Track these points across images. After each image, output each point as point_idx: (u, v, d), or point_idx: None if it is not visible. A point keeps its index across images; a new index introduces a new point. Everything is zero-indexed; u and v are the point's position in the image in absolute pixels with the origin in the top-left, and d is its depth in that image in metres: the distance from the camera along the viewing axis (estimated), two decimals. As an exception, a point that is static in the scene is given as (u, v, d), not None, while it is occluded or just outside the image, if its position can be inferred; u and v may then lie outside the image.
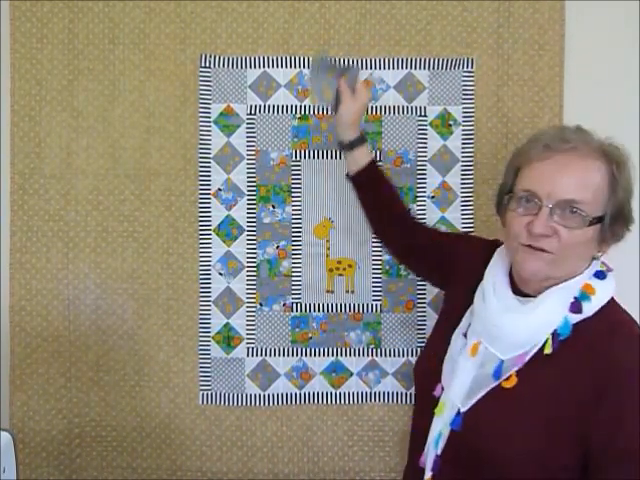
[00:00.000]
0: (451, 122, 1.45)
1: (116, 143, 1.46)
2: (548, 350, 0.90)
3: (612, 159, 0.91)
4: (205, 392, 1.47)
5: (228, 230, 1.46)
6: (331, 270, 1.46)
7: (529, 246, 0.90)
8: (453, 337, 1.03)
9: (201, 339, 1.46)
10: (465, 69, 1.44)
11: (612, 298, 0.96)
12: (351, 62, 1.41)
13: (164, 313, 1.47)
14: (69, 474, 1.47)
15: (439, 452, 0.98)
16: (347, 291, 1.46)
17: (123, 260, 1.46)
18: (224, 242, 1.46)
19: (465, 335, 1.01)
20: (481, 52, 1.44)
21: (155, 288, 1.46)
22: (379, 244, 1.44)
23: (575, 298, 0.92)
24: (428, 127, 1.45)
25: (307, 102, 1.45)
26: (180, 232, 1.46)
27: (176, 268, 1.46)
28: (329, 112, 1.38)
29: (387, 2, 1.44)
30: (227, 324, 1.46)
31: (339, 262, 1.46)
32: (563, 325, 0.91)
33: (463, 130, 1.44)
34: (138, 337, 1.47)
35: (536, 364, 0.91)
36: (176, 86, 1.45)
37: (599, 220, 0.89)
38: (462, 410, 0.95)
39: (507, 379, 0.92)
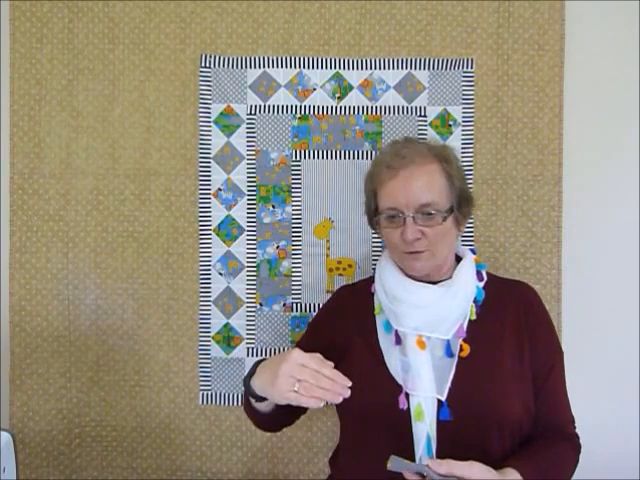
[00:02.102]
0: (451, 122, 1.45)
1: (116, 143, 1.46)
2: (473, 317, 1.07)
3: (441, 158, 1.08)
4: (205, 392, 1.47)
5: (228, 230, 1.46)
6: (331, 270, 1.46)
7: (409, 253, 1.06)
8: (385, 355, 1.07)
9: (201, 339, 1.46)
10: (465, 69, 1.44)
11: None
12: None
13: (164, 313, 1.47)
14: (69, 474, 1.47)
15: (435, 458, 0.98)
16: (347, 291, 1.46)
17: (123, 260, 1.46)
18: (224, 242, 1.46)
19: (398, 342, 1.06)
20: (481, 52, 1.44)
21: (155, 288, 1.46)
22: (379, 244, 1.44)
23: (477, 270, 1.13)
24: (428, 127, 1.45)
25: (307, 102, 1.45)
26: (180, 232, 1.46)
27: (176, 268, 1.46)
28: None
29: (387, 2, 1.44)
30: (227, 324, 1.47)
31: (339, 262, 1.46)
32: (478, 292, 1.10)
33: (463, 130, 1.44)
34: (138, 337, 1.47)
35: (472, 330, 1.06)
36: (176, 86, 1.45)
37: (451, 211, 1.07)
38: (444, 399, 1.01)
39: (461, 350, 1.04)
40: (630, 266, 1.46)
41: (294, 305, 1.46)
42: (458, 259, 1.15)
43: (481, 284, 1.12)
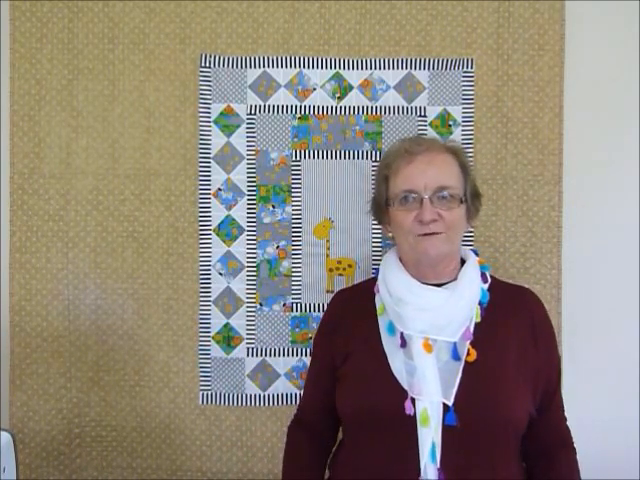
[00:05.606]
0: (451, 122, 1.45)
1: (116, 143, 1.46)
2: (478, 319, 1.06)
3: (455, 151, 1.13)
4: (205, 392, 1.47)
5: (228, 230, 1.46)
6: (331, 270, 1.46)
7: (424, 235, 1.05)
8: (389, 357, 1.06)
9: (201, 339, 1.46)
10: (465, 69, 1.44)
11: None
12: None
13: (164, 313, 1.47)
14: (69, 474, 1.47)
15: (439, 464, 0.98)
16: (347, 291, 1.46)
17: (123, 260, 1.46)
18: (224, 242, 1.46)
19: (403, 345, 1.05)
20: (481, 52, 1.44)
21: (155, 288, 1.46)
22: (379, 244, 1.44)
23: (481, 272, 1.12)
24: (428, 127, 1.45)
25: (307, 102, 1.45)
26: (180, 232, 1.46)
27: (176, 268, 1.46)
28: None
29: (387, 2, 1.44)
30: (227, 324, 1.47)
31: (339, 262, 1.46)
32: (483, 294, 1.09)
33: (463, 130, 1.44)
34: (138, 337, 1.47)
35: (478, 334, 1.05)
36: (176, 86, 1.45)
37: (465, 199, 1.09)
38: (450, 403, 0.99)
39: (468, 355, 1.03)
40: (630, 266, 1.46)
41: (294, 305, 1.46)
42: (461, 262, 1.14)
43: (486, 286, 1.11)
